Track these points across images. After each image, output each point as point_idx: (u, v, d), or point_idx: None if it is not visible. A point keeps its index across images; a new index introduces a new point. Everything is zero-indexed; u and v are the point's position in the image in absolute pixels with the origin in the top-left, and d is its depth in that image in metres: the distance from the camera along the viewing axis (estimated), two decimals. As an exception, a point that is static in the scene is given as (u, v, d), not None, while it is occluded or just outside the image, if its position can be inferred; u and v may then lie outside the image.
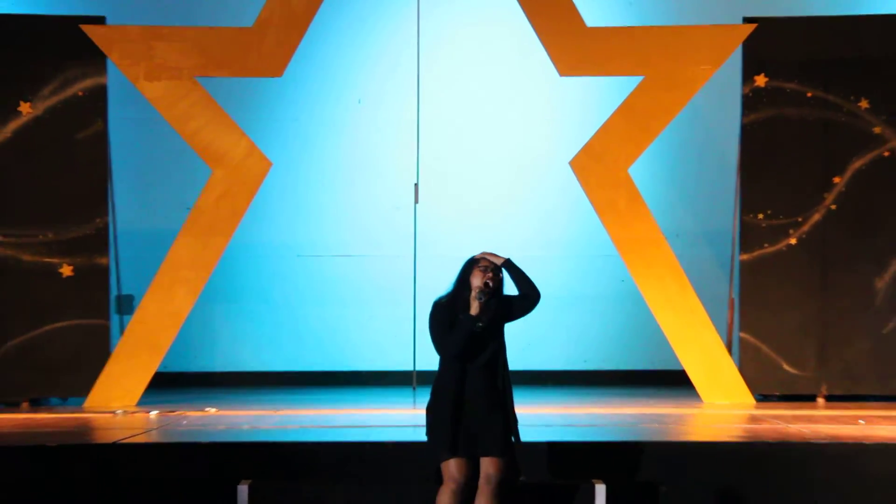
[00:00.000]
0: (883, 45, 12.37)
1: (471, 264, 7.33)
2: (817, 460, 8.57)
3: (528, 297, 7.40)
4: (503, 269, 7.31)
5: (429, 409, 7.38)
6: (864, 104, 12.34)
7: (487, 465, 7.30)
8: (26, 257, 12.13)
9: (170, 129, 12.26)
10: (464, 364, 7.26)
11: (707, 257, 13.76)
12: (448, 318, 7.27)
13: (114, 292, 12.44)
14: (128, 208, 12.68)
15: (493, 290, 7.25)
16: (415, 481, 8.20)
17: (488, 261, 7.30)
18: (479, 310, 7.21)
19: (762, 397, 12.38)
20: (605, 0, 14.19)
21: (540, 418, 10.40)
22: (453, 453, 7.26)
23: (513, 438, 7.33)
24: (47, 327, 12.10)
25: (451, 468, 7.28)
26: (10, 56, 12.13)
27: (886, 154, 12.36)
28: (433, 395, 7.38)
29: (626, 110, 12.27)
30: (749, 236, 12.42)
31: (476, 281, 7.25)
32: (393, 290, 14.02)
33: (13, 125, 12.16)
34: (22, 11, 13.30)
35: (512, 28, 13.28)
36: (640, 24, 13.27)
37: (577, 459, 8.58)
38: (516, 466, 7.48)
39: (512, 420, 7.35)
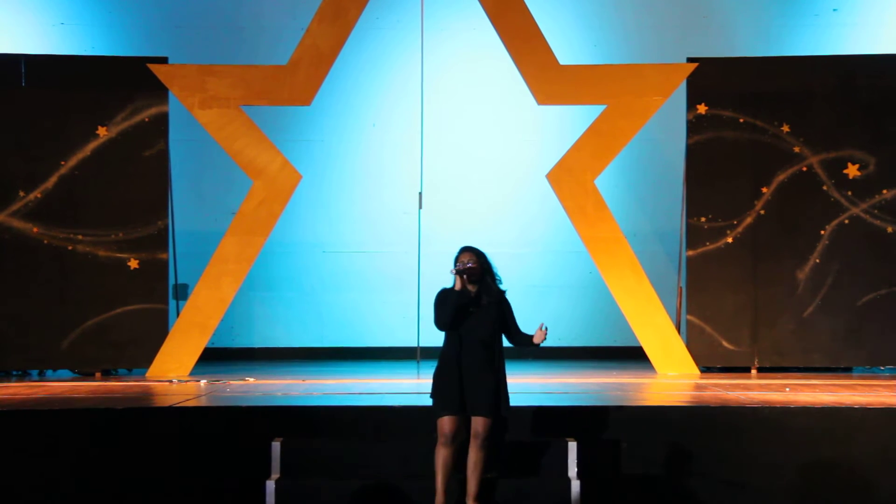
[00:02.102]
0: (798, 81, 12.33)
1: (455, 262, 7.43)
2: (751, 421, 8.46)
3: (516, 344, 7.60)
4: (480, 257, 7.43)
5: (434, 374, 7.45)
6: (785, 128, 12.27)
7: (476, 424, 7.33)
8: (101, 253, 12.05)
9: (219, 148, 12.19)
10: (460, 336, 7.32)
11: (659, 253, 13.81)
12: (442, 296, 7.42)
13: (171, 282, 12.37)
14: (184, 213, 12.57)
15: (465, 271, 7.33)
16: (416, 438, 8.11)
17: (463, 260, 7.40)
18: (459, 286, 7.32)
19: (705, 369, 12.28)
20: (575, 42, 14.24)
21: (522, 387, 10.31)
22: (447, 411, 7.31)
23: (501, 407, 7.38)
24: (117, 311, 12.01)
25: (443, 422, 7.34)
26: (91, 90, 12.10)
27: (804, 169, 12.30)
28: (438, 362, 7.45)
29: (593, 133, 12.20)
30: (694, 236, 12.32)
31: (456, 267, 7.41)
32: (400, 280, 13.98)
33: (92, 145, 12.09)
34: (101, 53, 13.67)
35: (499, 65, 13.18)
36: (604, 63, 13.32)
37: (552, 421, 8.47)
38: (504, 426, 7.52)
39: (503, 392, 7.39)
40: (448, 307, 7.31)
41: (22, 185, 11.99)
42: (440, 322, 7.37)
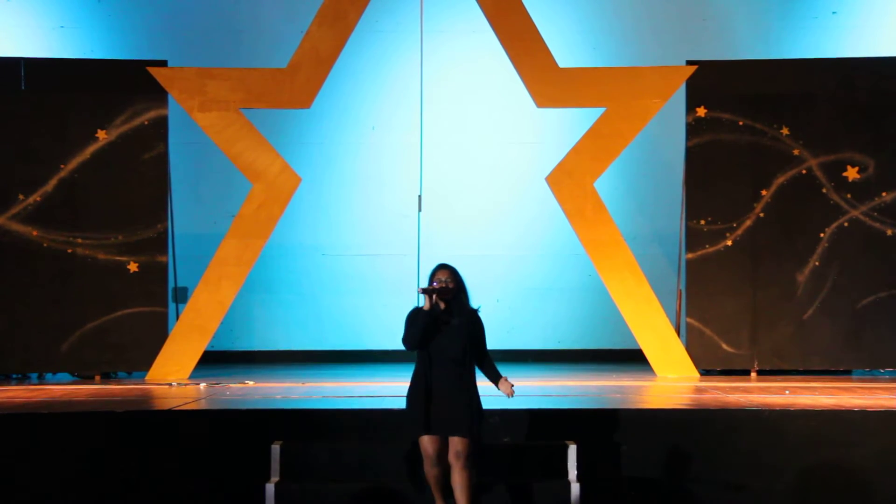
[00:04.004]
0: (797, 83, 12.34)
1: (430, 279, 7.25)
2: (751, 423, 8.45)
3: (483, 370, 7.36)
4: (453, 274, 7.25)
5: (407, 393, 7.32)
6: (785, 131, 12.28)
7: (455, 444, 7.18)
8: (101, 256, 12.05)
9: (218, 151, 12.19)
10: (430, 355, 7.19)
11: (659, 256, 13.80)
12: (413, 314, 7.27)
13: (171, 285, 12.36)
14: (184, 215, 12.56)
15: (434, 290, 7.16)
16: (415, 441, 8.03)
17: (440, 277, 7.23)
18: (428, 305, 7.16)
19: (705, 372, 12.27)
20: (574, 45, 14.20)
21: (521, 390, 10.23)
22: (425, 430, 7.19)
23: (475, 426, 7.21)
24: (117, 314, 12.01)
25: (425, 443, 7.22)
26: (90, 93, 12.11)
27: (804, 171, 12.29)
28: (410, 382, 7.32)
29: (592, 135, 12.21)
30: (693, 239, 12.31)
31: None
32: (399, 283, 13.96)
33: (92, 148, 12.10)
34: (100, 57, 13.67)
35: (498, 68, 13.19)
36: (603, 66, 13.33)
37: (552, 423, 8.47)
38: (481, 441, 7.34)
39: (475, 410, 7.22)
40: (417, 326, 7.15)
41: (21, 189, 11.99)
42: (408, 341, 7.21)
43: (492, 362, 7.38)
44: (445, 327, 7.20)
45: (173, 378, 11.69)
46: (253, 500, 8.02)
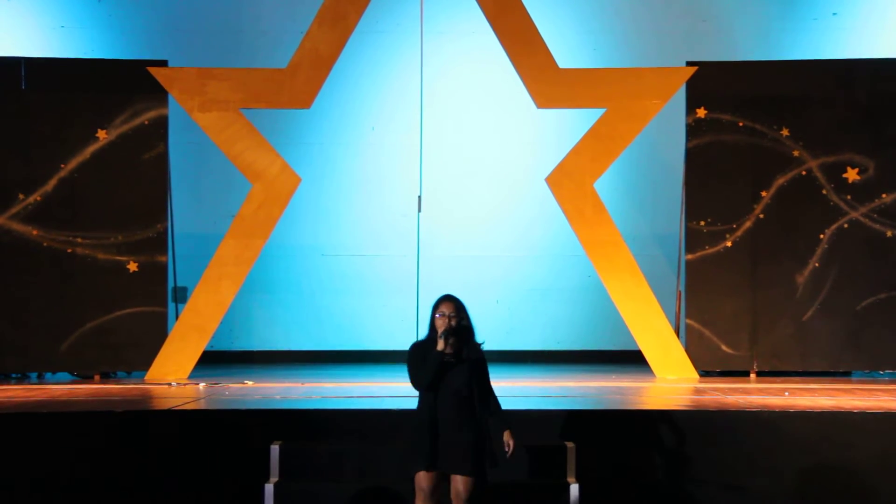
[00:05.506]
0: (798, 85, 12.33)
1: (434, 310, 6.95)
2: (750, 425, 8.46)
3: (484, 405, 6.99)
4: (461, 311, 6.92)
5: (411, 429, 7.04)
6: (785, 132, 12.27)
7: (458, 483, 6.88)
8: (100, 255, 12.05)
9: (218, 151, 12.18)
10: (436, 390, 6.87)
11: (658, 257, 13.78)
12: (421, 355, 6.92)
13: (170, 284, 12.35)
14: (183, 215, 12.54)
15: (453, 329, 6.85)
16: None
17: (444, 310, 6.90)
18: (443, 346, 6.85)
19: (704, 373, 12.25)
20: (574, 46, 14.20)
21: (521, 390, 10.32)
22: (425, 467, 6.89)
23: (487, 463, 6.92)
24: (116, 313, 12.01)
25: (420, 478, 6.92)
26: (90, 93, 12.11)
27: (804, 173, 12.29)
28: (415, 417, 7.02)
29: (592, 136, 12.20)
30: (693, 240, 12.31)
31: (439, 326, 6.88)
32: (399, 283, 13.97)
33: (92, 148, 12.09)
34: (101, 56, 13.64)
35: (499, 69, 13.19)
36: (603, 66, 13.31)
37: (551, 424, 8.45)
38: (486, 482, 6.98)
39: (487, 448, 6.91)
40: (429, 367, 6.83)
41: (21, 188, 11.99)
42: (419, 383, 6.90)
43: (497, 403, 7.04)
44: (451, 361, 6.90)
45: (173, 378, 11.68)
46: (252, 501, 8.02)
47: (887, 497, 8.24)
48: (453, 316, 6.89)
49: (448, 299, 6.97)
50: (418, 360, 6.93)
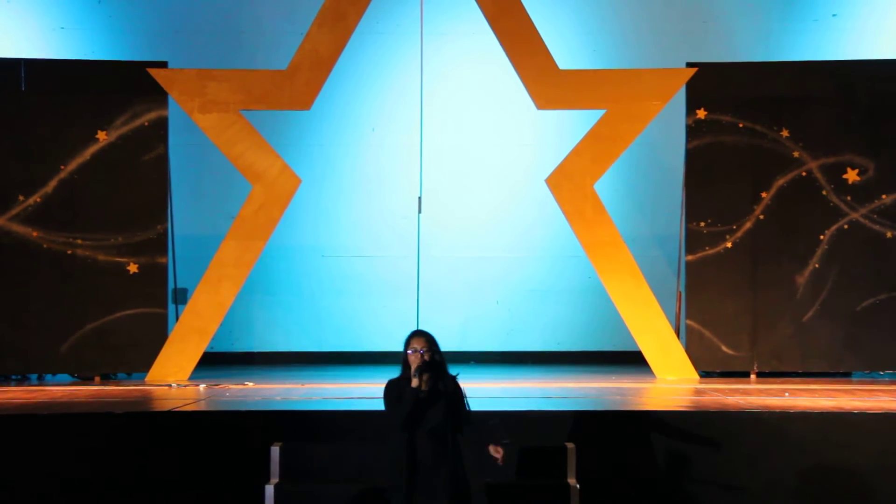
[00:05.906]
0: (798, 86, 12.34)
1: (406, 346, 6.78)
2: (750, 426, 8.46)
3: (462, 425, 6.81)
4: (433, 349, 6.74)
5: (388, 464, 6.81)
6: (785, 133, 12.28)
7: None
8: (101, 257, 12.05)
9: (218, 152, 12.18)
10: (413, 432, 6.68)
11: (658, 257, 13.78)
12: (396, 393, 6.74)
13: (171, 286, 12.35)
14: (183, 217, 12.55)
15: (426, 365, 6.67)
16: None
17: (416, 346, 6.72)
18: (418, 382, 6.65)
19: (705, 374, 12.26)
20: (574, 47, 14.19)
21: (521, 391, 10.31)
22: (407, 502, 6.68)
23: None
24: (116, 315, 12.01)
25: None
26: (90, 94, 12.11)
27: (804, 174, 12.30)
28: (389, 454, 6.80)
29: (592, 137, 12.20)
30: (693, 241, 12.31)
31: (412, 362, 6.71)
32: (399, 284, 13.97)
33: (92, 150, 12.10)
34: (101, 58, 13.65)
35: (499, 70, 13.17)
36: (603, 67, 13.29)
37: (552, 425, 8.45)
38: None
39: (459, 481, 6.71)
40: (404, 406, 6.61)
41: (21, 190, 11.99)
42: (395, 418, 6.66)
43: (475, 419, 6.83)
44: (426, 398, 6.66)
45: (173, 379, 11.68)
46: (252, 502, 8.02)
47: (887, 497, 8.24)
48: (426, 350, 6.70)
49: (419, 334, 6.80)
50: (394, 398, 6.75)
